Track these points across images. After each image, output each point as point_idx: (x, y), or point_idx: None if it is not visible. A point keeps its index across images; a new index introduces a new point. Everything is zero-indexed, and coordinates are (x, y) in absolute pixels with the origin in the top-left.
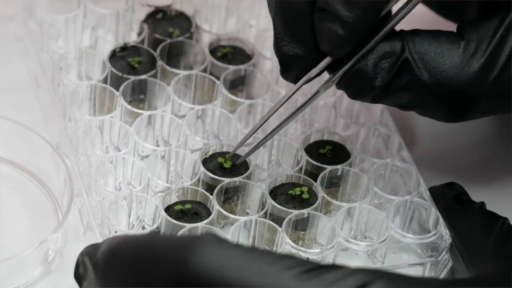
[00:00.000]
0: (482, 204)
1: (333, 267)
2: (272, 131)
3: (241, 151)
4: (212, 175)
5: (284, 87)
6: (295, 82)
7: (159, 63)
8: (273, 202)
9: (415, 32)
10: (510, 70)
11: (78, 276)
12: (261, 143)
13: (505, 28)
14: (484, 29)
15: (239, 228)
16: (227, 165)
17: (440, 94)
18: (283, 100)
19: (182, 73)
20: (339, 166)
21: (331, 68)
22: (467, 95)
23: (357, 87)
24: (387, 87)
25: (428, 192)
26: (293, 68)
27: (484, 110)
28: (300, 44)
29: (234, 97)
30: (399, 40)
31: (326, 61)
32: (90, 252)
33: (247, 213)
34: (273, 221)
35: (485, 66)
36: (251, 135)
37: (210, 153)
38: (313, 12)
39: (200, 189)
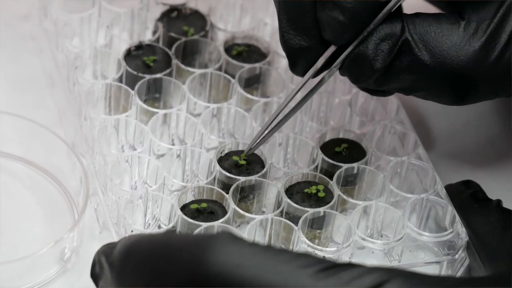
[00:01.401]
0: (499, 201)
1: (349, 265)
2: (280, 121)
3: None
4: (227, 174)
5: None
6: (302, 75)
7: (174, 61)
8: (289, 201)
9: (416, 14)
10: (511, 49)
11: (95, 275)
12: (270, 133)
13: (506, 8)
14: (484, 10)
15: (255, 227)
16: (242, 162)
17: (441, 75)
18: (292, 94)
19: (197, 71)
20: (355, 164)
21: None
22: (469, 75)
23: (358, 70)
24: (388, 70)
25: (444, 190)
26: (300, 60)
27: (487, 92)
28: (305, 36)
29: (249, 96)
30: (399, 22)
31: (331, 50)
32: (106, 251)
33: (263, 212)
34: (289, 220)
35: (485, 45)
36: (263, 131)
37: (226, 151)
38: (315, 3)
39: (216, 188)
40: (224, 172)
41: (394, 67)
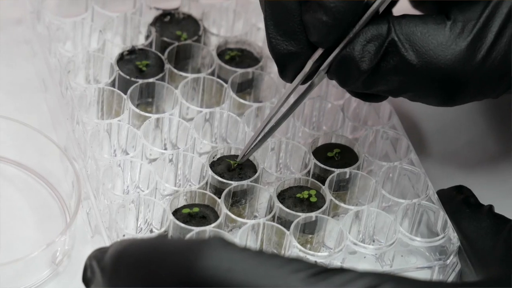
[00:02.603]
0: (491, 207)
1: (341, 270)
2: (272, 127)
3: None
4: (220, 179)
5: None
6: (292, 80)
7: (167, 66)
8: (281, 206)
9: (402, 16)
10: (498, 49)
11: (86, 280)
12: (262, 140)
13: (492, 9)
14: (470, 10)
15: (247, 231)
16: (235, 162)
17: (428, 75)
18: (283, 100)
19: (190, 76)
20: (347, 169)
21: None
22: (456, 75)
23: (345, 72)
24: (375, 71)
25: (436, 195)
26: (289, 66)
27: (474, 92)
28: (292, 41)
29: (242, 100)
30: (385, 23)
31: (318, 53)
32: (98, 255)
33: (255, 217)
34: (281, 225)
35: (472, 45)
36: (256, 138)
37: (218, 156)
38: (301, 7)
39: (208, 192)
40: (216, 176)
41: (381, 68)
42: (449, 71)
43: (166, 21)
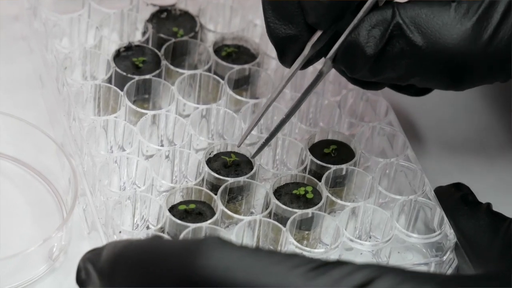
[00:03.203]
0: (489, 204)
1: (339, 263)
2: (282, 120)
3: (244, 147)
4: (216, 175)
5: (288, 86)
6: (291, 65)
7: (164, 62)
8: (277, 202)
9: (407, 1)
10: (505, 29)
11: (81, 281)
12: (273, 134)
13: None
14: None
15: (243, 228)
16: (233, 158)
17: (435, 56)
18: (282, 84)
19: (187, 72)
20: (343, 166)
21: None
22: (462, 55)
23: (351, 59)
24: (382, 56)
25: (432, 192)
26: (288, 50)
27: (483, 74)
28: (290, 24)
29: (238, 97)
30: (389, 7)
31: (317, 35)
32: (92, 258)
33: (252, 213)
34: (278, 221)
35: (477, 25)
36: (253, 127)
37: (215, 152)
38: None
39: (204, 189)
40: (212, 173)
41: (388, 52)
42: (456, 51)
43: (162, 17)
